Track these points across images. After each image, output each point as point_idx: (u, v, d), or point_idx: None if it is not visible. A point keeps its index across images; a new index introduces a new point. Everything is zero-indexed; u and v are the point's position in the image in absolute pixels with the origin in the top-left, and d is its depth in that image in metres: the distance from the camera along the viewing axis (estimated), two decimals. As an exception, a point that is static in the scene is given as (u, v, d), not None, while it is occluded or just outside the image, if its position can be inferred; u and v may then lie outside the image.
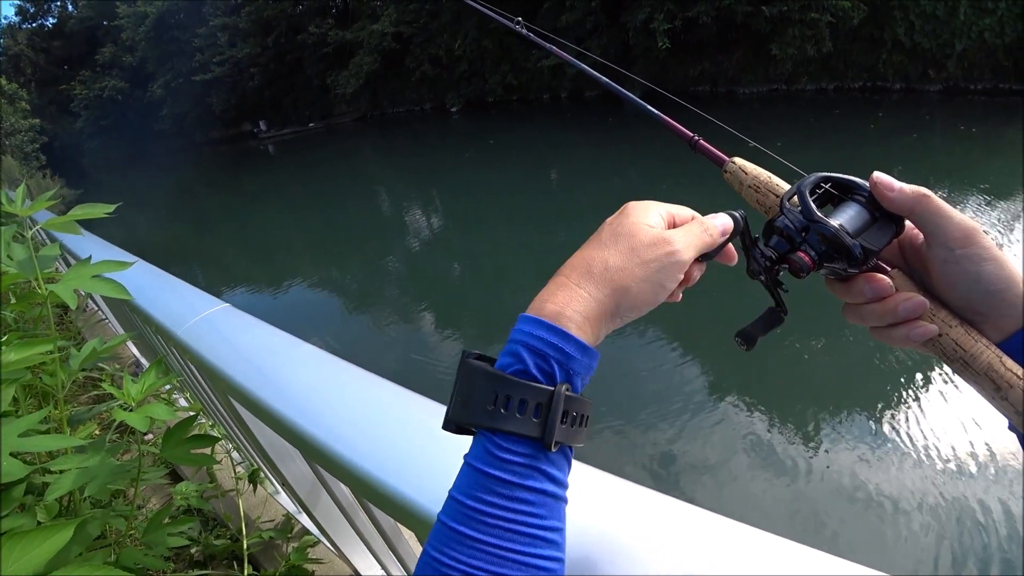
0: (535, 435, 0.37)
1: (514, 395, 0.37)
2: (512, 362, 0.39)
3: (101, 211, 1.16)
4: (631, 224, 0.44)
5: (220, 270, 11.88)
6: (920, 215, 0.43)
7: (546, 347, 0.39)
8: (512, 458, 0.37)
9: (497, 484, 0.37)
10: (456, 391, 0.40)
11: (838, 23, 16.24)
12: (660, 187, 11.37)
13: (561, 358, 0.39)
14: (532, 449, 0.37)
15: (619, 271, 0.42)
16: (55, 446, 0.96)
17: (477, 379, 0.39)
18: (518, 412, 0.37)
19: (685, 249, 0.44)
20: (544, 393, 0.38)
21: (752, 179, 0.52)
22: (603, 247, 0.43)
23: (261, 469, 1.74)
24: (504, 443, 0.37)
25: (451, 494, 0.38)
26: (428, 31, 28.70)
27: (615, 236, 0.44)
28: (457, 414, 0.39)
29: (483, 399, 0.38)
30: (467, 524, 0.36)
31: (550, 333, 0.39)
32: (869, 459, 3.75)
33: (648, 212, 0.46)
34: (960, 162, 10.15)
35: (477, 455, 0.38)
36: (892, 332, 0.45)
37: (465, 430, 0.40)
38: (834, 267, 0.45)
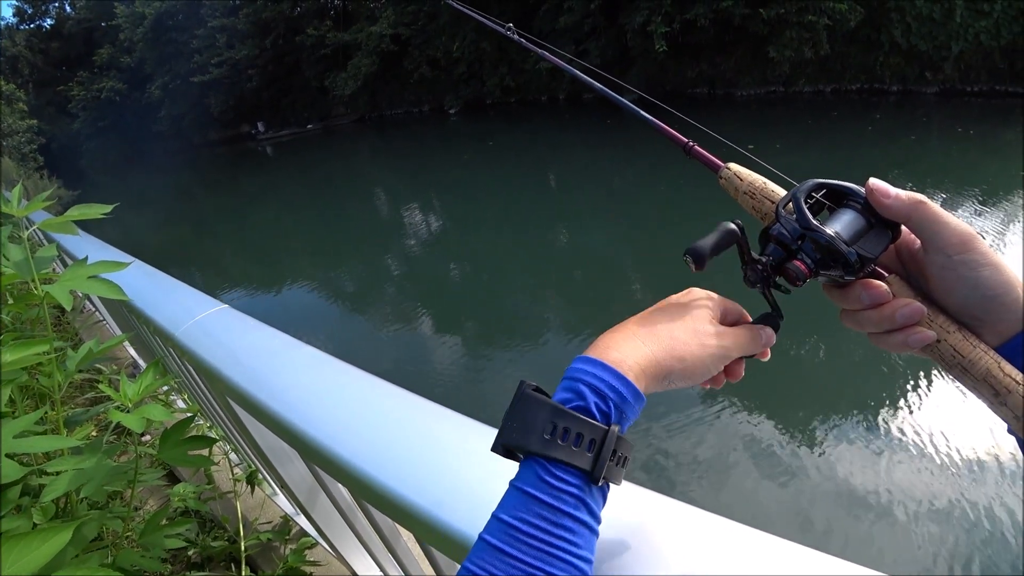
0: (586, 468, 0.39)
1: (572, 428, 0.40)
2: (573, 398, 0.41)
3: (98, 212, 1.16)
4: (698, 311, 0.48)
5: (218, 271, 11.86)
6: (917, 221, 0.44)
7: (607, 389, 0.41)
8: (562, 486, 0.39)
9: (544, 508, 0.38)
10: (512, 417, 0.42)
11: (835, 25, 16.30)
12: (658, 188, 11.38)
13: (619, 401, 0.41)
14: (581, 480, 0.39)
15: (681, 343, 0.45)
16: (51, 447, 0.96)
17: (538, 409, 0.41)
18: (573, 445, 0.39)
19: (736, 349, 0.48)
20: (599, 430, 0.40)
21: (747, 185, 0.52)
22: (671, 319, 0.47)
23: (259, 471, 1.74)
24: (556, 471, 0.39)
25: (494, 515, 0.40)
26: (426, 33, 28.73)
27: (682, 312, 0.48)
28: (511, 438, 0.41)
29: (541, 428, 0.40)
30: (507, 542, 0.38)
31: (613, 377, 0.41)
32: (868, 461, 3.75)
33: (710, 303, 0.50)
34: (957, 164, 10.19)
35: (526, 480, 0.40)
36: (890, 338, 0.45)
37: (512, 455, 0.42)
38: (830, 274, 0.45)
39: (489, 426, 0.64)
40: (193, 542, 1.67)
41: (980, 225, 7.10)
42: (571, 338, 6.31)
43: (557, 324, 6.83)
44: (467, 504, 0.55)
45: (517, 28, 0.82)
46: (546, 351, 6.05)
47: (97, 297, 2.15)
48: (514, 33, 0.82)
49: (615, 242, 9.33)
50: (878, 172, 0.47)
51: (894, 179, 7.05)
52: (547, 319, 7.01)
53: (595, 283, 7.80)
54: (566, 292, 7.70)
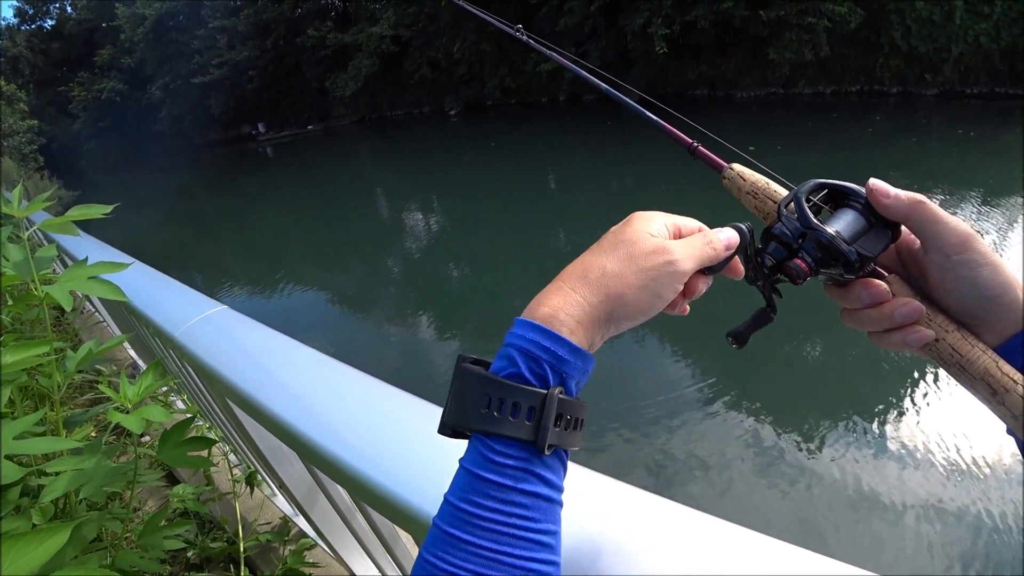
0: (528, 438, 0.37)
1: (507, 398, 0.37)
2: (505, 365, 0.39)
3: (98, 212, 1.16)
4: (632, 232, 0.44)
5: (218, 272, 11.86)
6: (916, 221, 0.44)
7: (538, 350, 0.39)
8: (505, 461, 0.37)
9: (490, 487, 0.37)
10: (451, 395, 0.40)
11: (835, 27, 16.31)
12: (659, 189, 11.39)
13: (553, 361, 0.39)
14: (525, 452, 0.37)
15: (615, 277, 0.41)
16: (50, 449, 0.96)
17: (471, 383, 0.39)
18: (511, 415, 0.37)
19: (684, 259, 0.43)
20: (536, 396, 0.38)
21: (750, 185, 0.52)
22: (602, 253, 0.43)
23: (258, 471, 1.73)
24: (497, 446, 0.37)
25: (446, 498, 0.38)
26: (427, 34, 28.75)
27: (615, 243, 0.44)
28: (452, 418, 0.40)
29: (477, 403, 0.38)
30: (461, 527, 0.36)
31: (542, 336, 0.39)
32: (868, 462, 3.75)
33: (652, 221, 0.45)
34: (957, 165, 10.19)
35: (471, 459, 0.38)
36: (889, 337, 0.45)
37: (460, 434, 0.40)
38: (831, 273, 0.46)
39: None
40: (192, 543, 1.67)
41: (980, 227, 7.10)
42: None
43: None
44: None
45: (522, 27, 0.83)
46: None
47: (97, 298, 2.15)
48: (523, 34, 0.82)
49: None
50: (878, 173, 0.47)
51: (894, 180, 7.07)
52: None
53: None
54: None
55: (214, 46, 35.46)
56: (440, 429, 0.41)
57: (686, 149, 0.58)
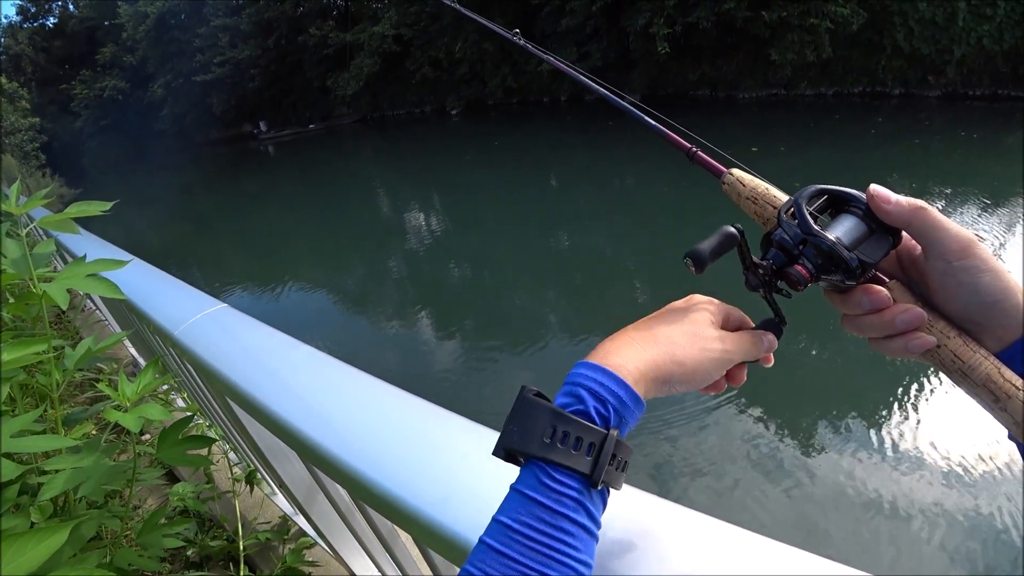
0: (585, 471, 0.39)
1: (571, 432, 0.40)
2: (573, 402, 0.42)
3: (97, 209, 1.16)
4: (699, 315, 0.48)
5: (219, 270, 11.87)
6: (917, 227, 0.44)
7: (607, 393, 0.41)
8: (561, 489, 0.39)
9: (543, 511, 0.39)
10: (513, 421, 0.42)
11: (837, 29, 16.30)
12: (660, 190, 11.38)
13: (618, 405, 0.41)
14: (580, 484, 0.40)
15: (681, 348, 0.45)
16: (48, 447, 0.95)
17: (538, 413, 0.41)
18: (573, 448, 0.40)
19: (737, 354, 0.48)
20: (598, 434, 0.40)
21: (750, 191, 0.52)
22: (669, 322, 0.47)
23: (258, 470, 1.73)
24: (556, 474, 0.39)
25: (496, 517, 0.40)
26: (428, 34, 28.75)
27: (682, 317, 0.48)
28: (512, 442, 0.41)
29: (541, 432, 0.40)
30: (506, 544, 0.38)
31: (612, 382, 0.42)
32: (869, 464, 3.74)
33: (711, 310, 0.50)
34: (960, 168, 10.17)
35: (527, 483, 0.40)
36: (890, 343, 0.45)
37: (513, 459, 0.42)
38: (831, 279, 0.45)
39: (489, 428, 0.64)
40: (192, 541, 1.67)
41: (982, 229, 7.09)
42: (572, 339, 6.30)
43: (558, 325, 6.83)
44: (465, 507, 0.55)
45: (520, 31, 0.82)
46: (547, 352, 6.04)
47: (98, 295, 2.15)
48: (520, 39, 0.82)
49: (616, 243, 9.33)
50: (880, 175, 0.47)
51: (896, 182, 7.06)
52: (548, 320, 7.01)
53: (596, 284, 7.80)
54: (567, 293, 7.70)
55: (216, 44, 35.47)
56: (495, 451, 0.43)
57: (685, 154, 0.58)
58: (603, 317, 6.59)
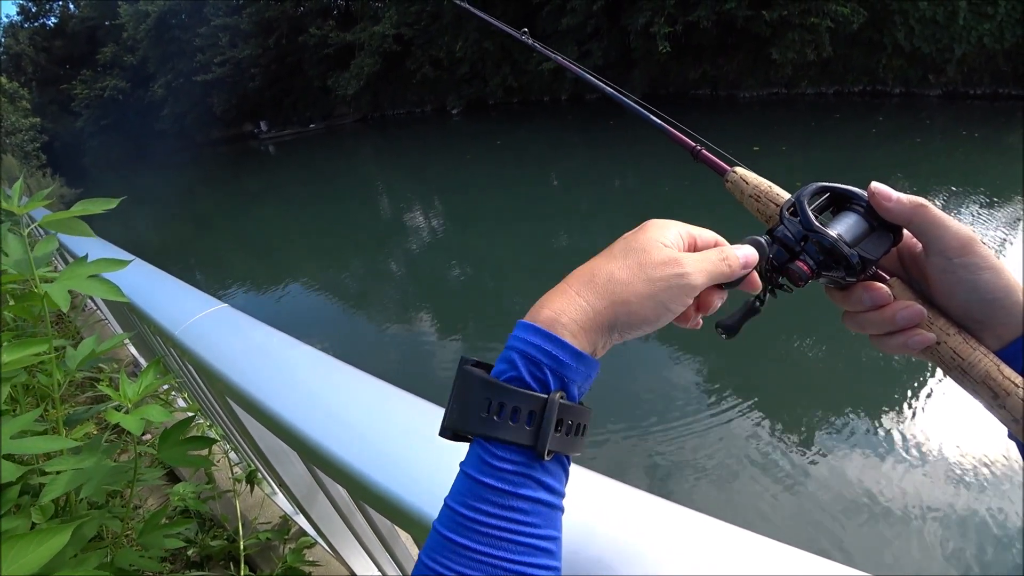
0: (528, 443, 0.37)
1: (507, 403, 0.37)
2: (506, 368, 0.39)
3: (102, 207, 1.14)
4: (645, 240, 0.43)
5: (219, 270, 11.87)
6: (918, 225, 0.44)
7: (539, 354, 0.38)
8: (505, 466, 0.37)
9: (490, 492, 0.36)
10: (452, 398, 0.40)
11: (838, 27, 16.28)
12: (662, 189, 11.38)
13: (554, 365, 0.38)
14: (525, 458, 0.37)
15: (622, 284, 0.40)
16: (48, 448, 0.95)
17: (472, 386, 0.38)
18: (511, 420, 0.37)
19: (696, 273, 0.42)
20: (537, 401, 0.37)
21: (753, 188, 0.52)
22: (612, 259, 0.42)
23: (258, 470, 1.73)
24: (497, 451, 0.37)
25: (446, 502, 0.38)
26: (429, 33, 28.74)
27: (626, 250, 0.43)
28: (453, 421, 0.39)
29: (478, 406, 0.37)
30: (460, 532, 0.36)
31: (544, 339, 0.38)
32: (871, 464, 3.74)
33: (666, 230, 0.44)
34: (960, 167, 10.16)
35: (471, 463, 0.38)
36: (890, 340, 0.45)
37: (461, 437, 0.40)
38: (832, 276, 0.45)
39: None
40: (192, 541, 1.67)
41: (983, 228, 7.08)
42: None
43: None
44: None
45: (527, 31, 0.83)
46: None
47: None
48: (528, 38, 0.82)
49: (617, 243, 9.30)
50: (881, 174, 0.47)
51: (897, 181, 7.03)
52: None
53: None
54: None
55: (216, 44, 35.48)
56: (441, 432, 0.40)
57: (689, 152, 0.58)
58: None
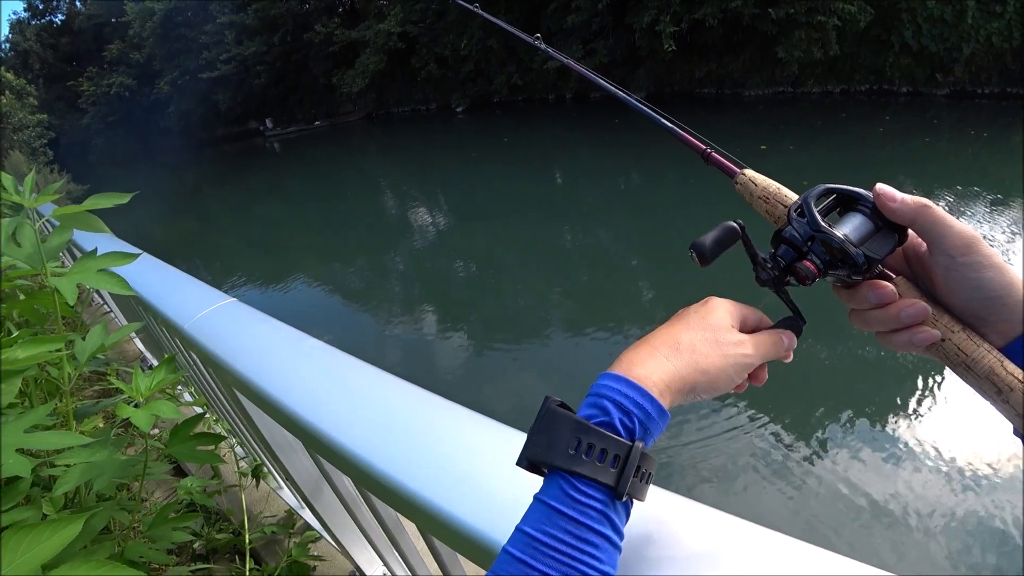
0: (610, 483, 0.40)
1: (596, 444, 0.40)
2: (597, 414, 0.42)
3: (114, 201, 1.15)
4: (718, 320, 0.48)
5: (226, 266, 11.92)
6: (922, 225, 0.45)
7: (632, 405, 0.41)
8: (587, 501, 0.39)
9: (568, 523, 0.39)
10: (538, 431, 0.42)
11: (845, 26, 16.19)
12: (666, 187, 11.36)
13: (643, 417, 0.42)
14: (605, 496, 0.40)
15: (703, 356, 0.45)
16: (60, 444, 0.95)
17: (563, 424, 0.41)
18: (598, 460, 0.40)
19: (758, 356, 0.48)
20: (624, 446, 0.40)
21: (762, 190, 0.54)
22: (691, 331, 0.46)
23: (264, 464, 1.75)
24: (581, 486, 0.39)
25: (519, 528, 0.40)
26: (434, 31, 28.72)
27: (702, 324, 0.47)
28: (537, 453, 0.42)
29: (566, 443, 0.40)
30: (534, 556, 0.38)
31: (637, 394, 0.42)
32: (876, 463, 3.73)
33: (731, 312, 0.49)
34: (968, 166, 10.10)
35: (551, 494, 0.40)
36: (896, 337, 0.46)
37: (536, 470, 0.43)
38: (839, 274, 0.47)
39: (493, 420, 0.64)
40: (198, 534, 1.68)
41: (990, 229, 7.05)
42: (577, 336, 6.30)
43: (562, 321, 6.82)
44: (468, 494, 0.56)
45: (526, 29, 0.83)
46: (552, 349, 6.05)
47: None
48: (540, 43, 0.83)
49: (622, 240, 9.31)
50: (888, 173, 0.48)
51: (904, 181, 7.00)
52: (553, 316, 7.01)
53: (602, 281, 7.79)
54: (572, 289, 7.69)
55: (222, 41, 35.54)
56: (519, 461, 0.43)
57: (700, 155, 0.60)
58: (608, 314, 6.59)
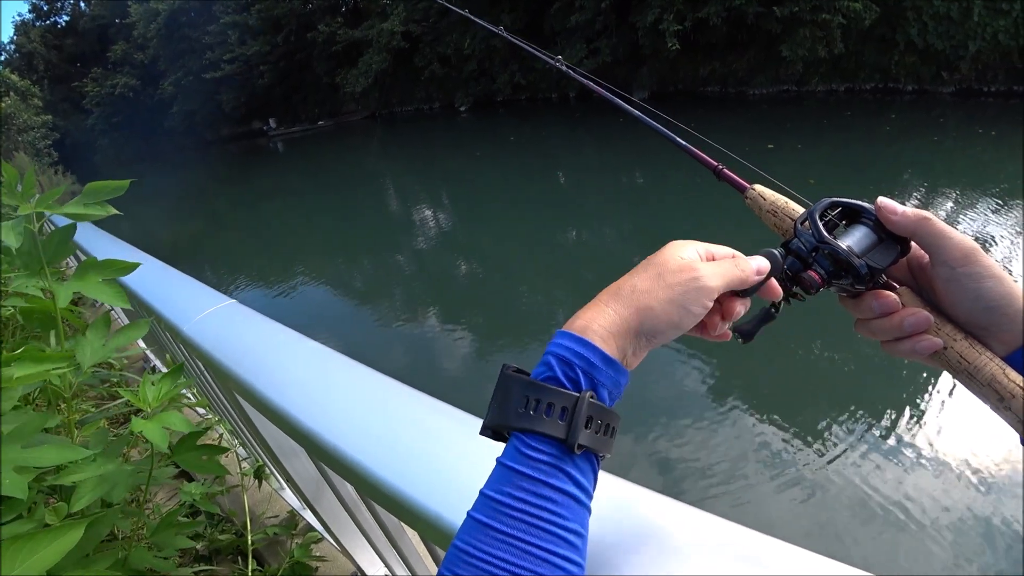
0: (560, 436, 0.40)
1: (543, 399, 0.40)
2: (544, 370, 0.43)
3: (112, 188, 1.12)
4: (664, 255, 0.47)
5: (228, 267, 11.94)
6: (922, 236, 0.46)
7: (572, 356, 0.42)
8: (539, 456, 0.39)
9: (524, 480, 0.39)
10: (493, 398, 0.43)
11: (849, 24, 16.13)
12: (669, 186, 11.34)
13: (585, 367, 0.42)
14: (557, 450, 0.40)
15: (644, 292, 0.44)
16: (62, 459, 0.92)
17: (512, 386, 0.42)
18: (546, 414, 0.40)
19: (710, 277, 0.45)
20: (570, 398, 0.40)
21: (770, 204, 0.56)
22: (635, 274, 0.47)
23: (266, 465, 1.75)
24: (532, 442, 0.40)
25: (481, 491, 0.41)
26: (437, 30, 28.74)
27: (647, 265, 0.47)
28: (493, 419, 0.43)
29: (516, 403, 0.41)
30: (493, 516, 0.39)
31: (576, 343, 0.42)
32: (878, 466, 3.72)
33: (684, 247, 0.48)
34: (975, 164, 10.05)
35: (507, 455, 0.41)
36: (899, 345, 0.48)
37: (500, 436, 0.43)
38: (843, 284, 0.49)
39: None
40: (201, 535, 1.68)
41: (996, 228, 7.01)
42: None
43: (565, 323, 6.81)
44: (469, 502, 0.55)
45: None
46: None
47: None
48: (562, 64, 0.86)
49: (625, 239, 9.30)
50: (894, 172, 0.47)
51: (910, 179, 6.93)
52: (557, 317, 6.99)
53: (606, 280, 7.67)
54: (576, 290, 7.68)
55: (225, 42, 35.66)
56: (482, 431, 0.44)
57: (712, 171, 0.62)
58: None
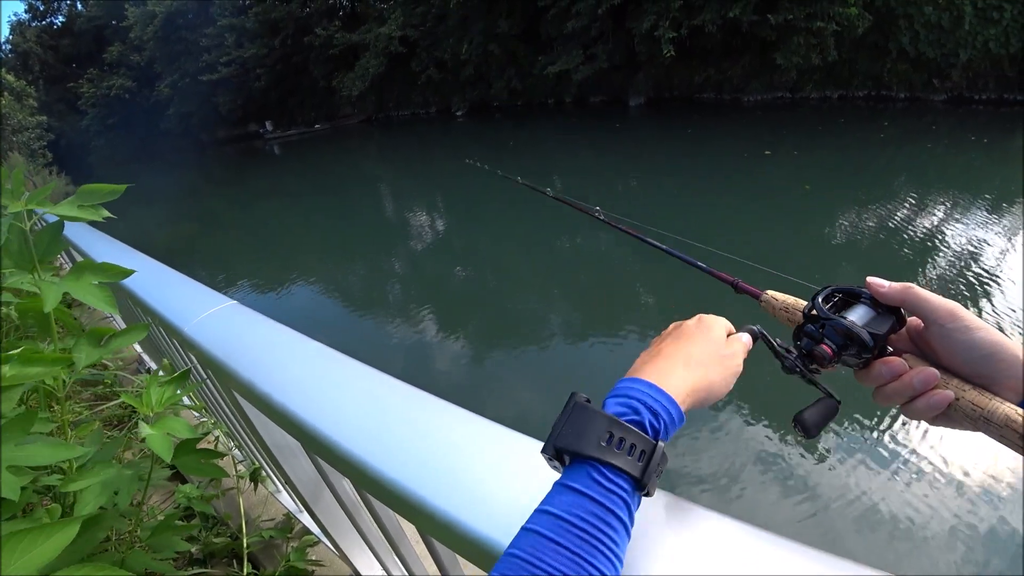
0: (636, 474, 0.44)
1: (627, 439, 0.45)
2: (628, 412, 0.47)
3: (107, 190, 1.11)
4: (718, 335, 0.57)
5: (226, 269, 11.90)
6: (910, 303, 0.54)
7: (661, 409, 0.48)
8: (613, 487, 0.43)
9: (595, 506, 0.43)
10: (566, 423, 0.47)
11: (843, 32, 16.27)
12: (668, 189, 11.38)
13: (668, 421, 0.48)
14: (630, 485, 0.44)
15: (713, 370, 0.54)
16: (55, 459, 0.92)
17: (595, 419, 0.46)
18: (627, 453, 0.45)
19: (741, 356, 0.57)
20: (650, 443, 0.45)
21: (781, 303, 0.68)
22: (698, 346, 0.55)
23: (263, 467, 1.74)
24: (609, 473, 0.44)
25: (543, 509, 0.44)
26: (434, 35, 28.81)
27: (707, 339, 0.56)
28: (568, 442, 0.46)
29: (598, 435, 0.45)
30: (561, 535, 0.42)
31: (666, 400, 0.48)
32: (878, 471, 3.73)
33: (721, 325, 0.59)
34: (965, 172, 10.13)
35: (578, 480, 0.44)
36: (915, 405, 0.52)
37: (559, 458, 0.47)
38: (851, 354, 0.55)
39: (493, 422, 0.64)
40: (196, 538, 1.68)
41: (988, 234, 7.07)
42: (575, 340, 6.30)
43: (560, 325, 6.83)
44: (467, 495, 0.57)
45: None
46: (550, 352, 6.05)
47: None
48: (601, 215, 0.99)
49: (620, 245, 9.32)
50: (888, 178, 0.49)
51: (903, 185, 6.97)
52: (551, 320, 7.01)
53: (600, 286, 7.79)
54: (570, 294, 7.70)
55: (222, 44, 35.62)
56: (544, 449, 0.48)
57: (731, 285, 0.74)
58: (607, 318, 6.59)
